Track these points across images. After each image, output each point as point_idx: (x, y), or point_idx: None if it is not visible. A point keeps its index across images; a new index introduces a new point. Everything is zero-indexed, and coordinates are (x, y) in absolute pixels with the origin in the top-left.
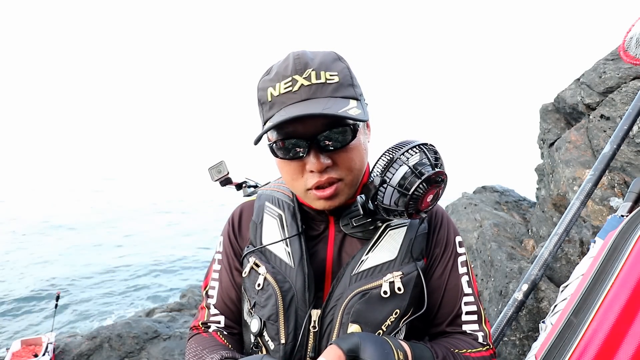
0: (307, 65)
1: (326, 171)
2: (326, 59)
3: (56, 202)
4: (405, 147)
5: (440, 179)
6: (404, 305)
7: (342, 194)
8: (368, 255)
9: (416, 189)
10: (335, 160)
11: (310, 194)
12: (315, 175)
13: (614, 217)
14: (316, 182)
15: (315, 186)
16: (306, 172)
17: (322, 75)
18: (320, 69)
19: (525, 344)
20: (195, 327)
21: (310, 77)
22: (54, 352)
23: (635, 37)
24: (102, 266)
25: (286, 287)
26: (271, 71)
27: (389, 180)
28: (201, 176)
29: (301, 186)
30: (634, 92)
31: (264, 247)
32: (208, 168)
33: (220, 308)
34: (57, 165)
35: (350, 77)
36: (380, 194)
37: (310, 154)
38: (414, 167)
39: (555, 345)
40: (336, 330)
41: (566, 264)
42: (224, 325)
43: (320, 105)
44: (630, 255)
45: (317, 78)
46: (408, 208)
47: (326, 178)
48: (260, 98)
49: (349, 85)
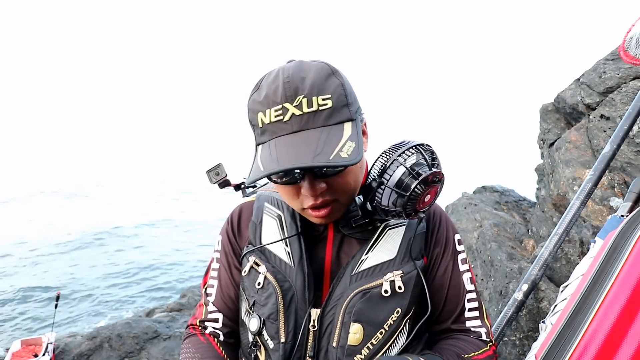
0: (297, 91)
1: (321, 194)
2: (318, 78)
3: (57, 202)
4: (402, 148)
5: (438, 179)
6: (405, 304)
7: (337, 212)
8: (367, 255)
9: (414, 190)
10: (331, 184)
11: (307, 212)
12: (310, 198)
13: (614, 217)
14: (311, 204)
15: (310, 207)
16: (302, 195)
17: (314, 102)
18: (312, 94)
19: (525, 344)
20: (193, 326)
21: (301, 105)
22: (54, 352)
23: (635, 37)
24: (102, 266)
25: (286, 286)
26: (261, 89)
27: (387, 182)
28: (200, 176)
29: (298, 206)
30: (634, 92)
31: (263, 246)
32: (206, 171)
33: (218, 305)
34: (56, 163)
35: (345, 95)
36: (378, 196)
37: (305, 179)
38: (411, 168)
39: (555, 345)
40: (337, 329)
41: (566, 264)
42: (222, 324)
43: (311, 143)
44: (630, 255)
45: (309, 106)
46: (406, 208)
47: (321, 200)
48: (251, 120)
49: (343, 107)
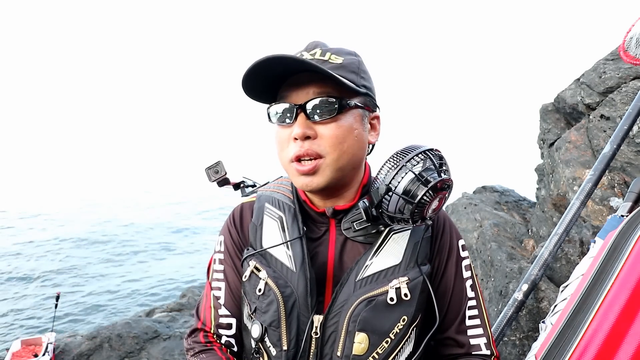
0: (317, 46)
1: (308, 142)
2: (341, 50)
3: (56, 203)
4: (410, 153)
5: (447, 186)
6: (412, 311)
7: (321, 174)
8: (372, 260)
9: (422, 197)
10: (321, 133)
11: (292, 168)
12: (297, 144)
13: (614, 217)
14: (297, 151)
15: (295, 157)
16: (291, 141)
17: (327, 55)
18: (328, 50)
19: (525, 344)
20: (204, 334)
21: (315, 53)
22: (54, 352)
23: (635, 37)
24: (102, 266)
25: (288, 292)
26: None
27: (395, 189)
28: (200, 176)
29: (286, 156)
30: (634, 92)
31: (264, 250)
32: (205, 169)
33: (230, 308)
34: (54, 162)
35: (358, 67)
36: (385, 202)
37: (296, 120)
38: (420, 175)
39: (555, 345)
40: (342, 338)
41: (566, 264)
42: (235, 330)
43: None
44: (630, 255)
45: (322, 55)
46: (413, 216)
47: (305, 149)
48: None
49: (353, 72)
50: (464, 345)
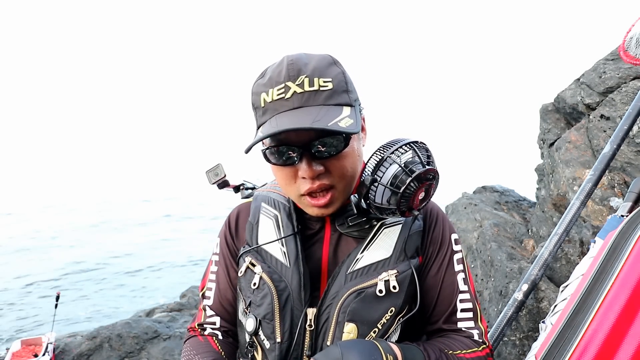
0: (300, 72)
1: (318, 178)
2: (320, 64)
3: (57, 202)
4: (395, 145)
5: (432, 176)
6: (399, 303)
7: (336, 202)
8: (363, 253)
9: (407, 187)
10: (328, 167)
11: (304, 200)
12: (307, 182)
13: (614, 217)
14: (308, 188)
15: (307, 192)
16: (299, 178)
17: (315, 82)
18: (313, 75)
19: (525, 344)
20: (192, 329)
21: (303, 84)
22: (54, 352)
23: (635, 37)
24: (102, 266)
25: (282, 286)
26: (265, 75)
27: (380, 179)
28: (199, 177)
29: (295, 191)
30: (634, 92)
31: (259, 246)
32: (205, 171)
33: (216, 309)
34: (52, 162)
35: (345, 82)
36: (371, 193)
37: (302, 161)
38: (405, 165)
39: (555, 345)
40: (332, 329)
41: (566, 264)
42: (219, 325)
43: (311, 115)
44: (630, 255)
45: (310, 85)
46: (400, 206)
47: (318, 184)
48: (253, 102)
49: (343, 92)
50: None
